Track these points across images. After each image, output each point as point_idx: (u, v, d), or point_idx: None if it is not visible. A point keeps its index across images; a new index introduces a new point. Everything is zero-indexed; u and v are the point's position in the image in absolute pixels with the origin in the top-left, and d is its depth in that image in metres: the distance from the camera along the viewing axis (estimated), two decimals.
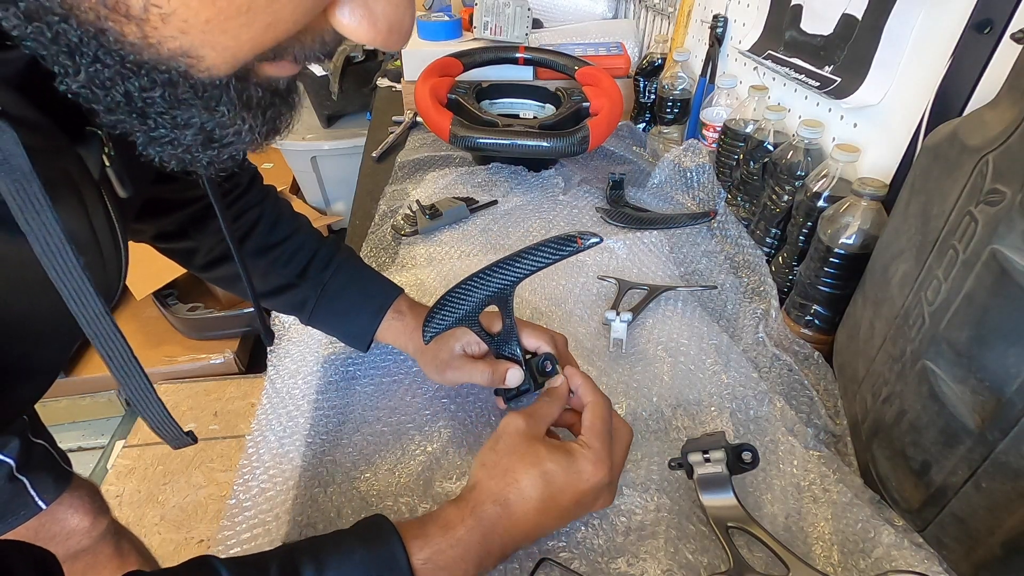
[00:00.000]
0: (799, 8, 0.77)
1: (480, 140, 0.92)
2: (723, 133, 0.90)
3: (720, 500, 0.47)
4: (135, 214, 0.52)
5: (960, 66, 0.54)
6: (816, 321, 0.66)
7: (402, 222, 0.92)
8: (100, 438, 1.65)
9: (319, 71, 1.94)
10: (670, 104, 1.10)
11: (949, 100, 0.55)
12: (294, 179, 2.22)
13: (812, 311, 0.66)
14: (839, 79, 0.69)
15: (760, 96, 0.85)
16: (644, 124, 1.22)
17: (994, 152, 0.40)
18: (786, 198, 0.73)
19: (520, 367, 0.55)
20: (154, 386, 0.36)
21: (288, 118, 0.31)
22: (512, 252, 0.50)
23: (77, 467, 0.71)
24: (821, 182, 0.66)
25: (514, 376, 0.54)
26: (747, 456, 0.47)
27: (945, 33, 0.56)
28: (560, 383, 0.51)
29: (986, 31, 0.51)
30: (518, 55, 1.14)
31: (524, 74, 1.19)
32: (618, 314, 0.68)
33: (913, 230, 0.49)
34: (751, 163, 0.82)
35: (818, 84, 0.72)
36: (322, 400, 0.63)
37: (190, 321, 1.65)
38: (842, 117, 0.72)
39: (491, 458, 0.45)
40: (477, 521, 0.42)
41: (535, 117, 1.10)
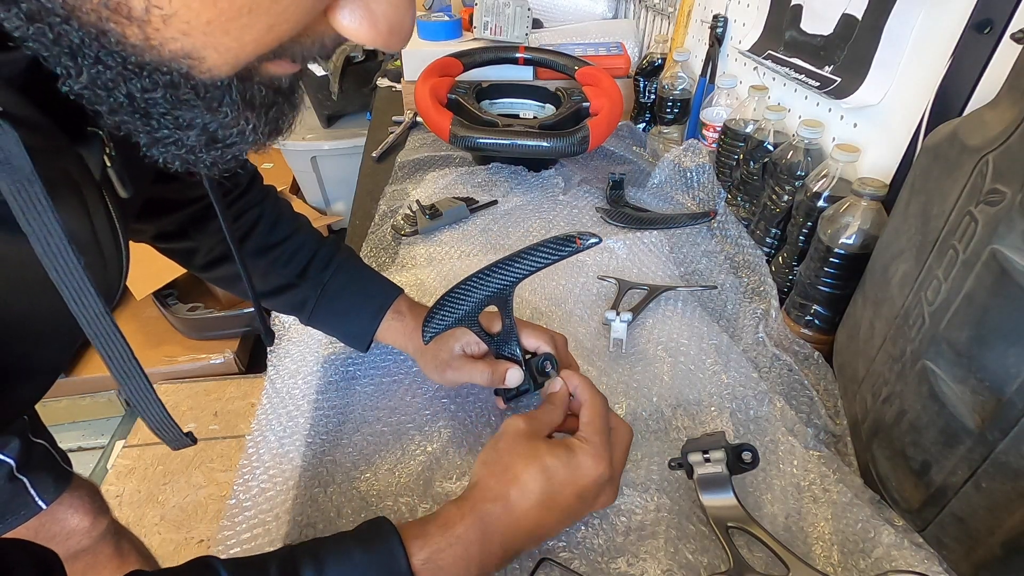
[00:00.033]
0: (799, 8, 0.77)
1: (480, 140, 0.92)
2: (723, 133, 0.90)
3: (720, 500, 0.47)
4: (135, 214, 0.52)
5: (960, 66, 0.54)
6: (816, 321, 0.66)
7: (402, 222, 0.92)
8: (100, 438, 1.65)
9: (319, 71, 1.94)
10: (670, 104, 1.10)
11: (949, 100, 0.55)
12: (294, 179, 2.22)
13: (812, 311, 0.66)
14: (839, 79, 0.69)
15: (760, 96, 0.85)
16: (644, 124, 1.22)
17: (994, 152, 0.40)
18: (786, 198, 0.73)
19: (520, 367, 0.55)
20: (154, 386, 0.36)
21: (291, 117, 0.31)
22: (511, 252, 0.50)
23: (77, 467, 0.71)
24: (821, 182, 0.66)
25: (514, 376, 0.55)
26: (747, 456, 0.47)
27: (945, 33, 0.56)
28: (559, 387, 0.51)
29: (986, 31, 0.51)
30: (518, 55, 1.14)
31: (524, 74, 1.19)
32: (618, 314, 0.68)
33: (913, 230, 0.49)
34: (751, 163, 0.82)
35: (818, 84, 0.72)
36: (322, 400, 0.63)
37: (190, 321, 1.65)
38: (842, 117, 0.72)
39: (491, 456, 0.46)
40: (477, 518, 0.42)
41: (535, 117, 1.10)
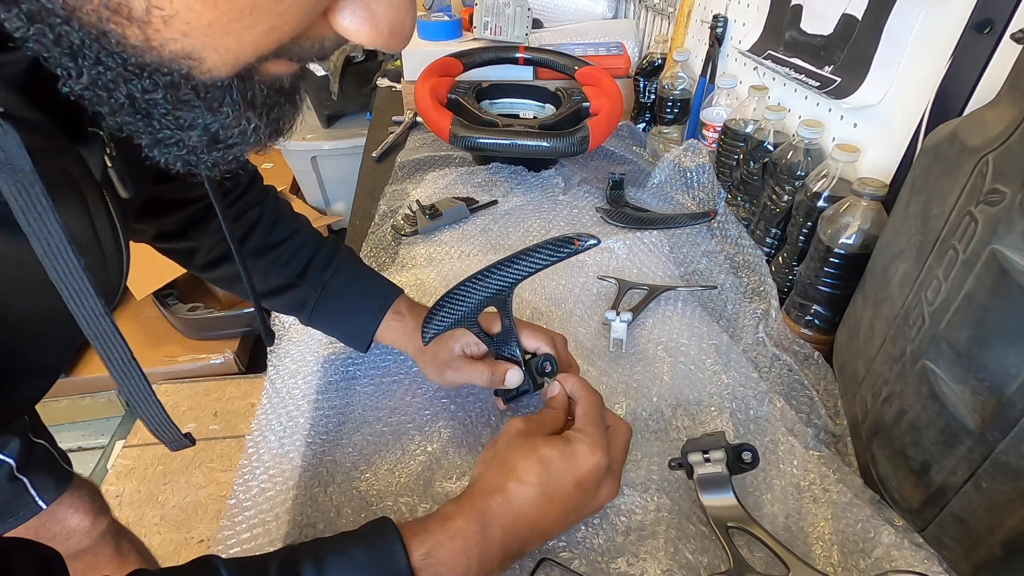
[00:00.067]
0: (799, 8, 0.77)
1: (480, 140, 0.92)
2: (723, 133, 0.90)
3: (720, 500, 0.47)
4: (136, 214, 0.52)
5: (960, 66, 0.54)
6: (816, 321, 0.66)
7: (402, 222, 0.92)
8: (100, 438, 1.66)
9: (319, 71, 1.94)
10: (670, 104, 1.10)
11: (949, 100, 0.55)
12: (294, 179, 2.22)
13: (812, 311, 0.66)
14: (839, 79, 0.69)
15: (760, 96, 0.85)
16: (644, 124, 1.21)
17: (994, 152, 0.40)
18: (786, 198, 0.73)
19: (519, 368, 0.55)
20: (153, 387, 0.36)
21: (292, 118, 0.30)
22: (510, 254, 0.50)
23: (77, 467, 0.71)
24: (821, 182, 0.66)
25: (513, 377, 0.55)
26: (747, 456, 0.47)
27: (945, 33, 0.56)
28: (557, 391, 0.51)
29: (986, 31, 0.51)
30: (518, 55, 1.14)
31: (524, 74, 1.19)
32: (618, 314, 0.68)
33: (913, 230, 0.49)
34: (751, 163, 0.82)
35: (818, 84, 0.72)
36: (322, 400, 0.63)
37: (190, 321, 1.65)
38: (842, 117, 0.72)
39: (491, 454, 0.46)
40: (476, 512, 0.42)
41: (535, 117, 1.10)
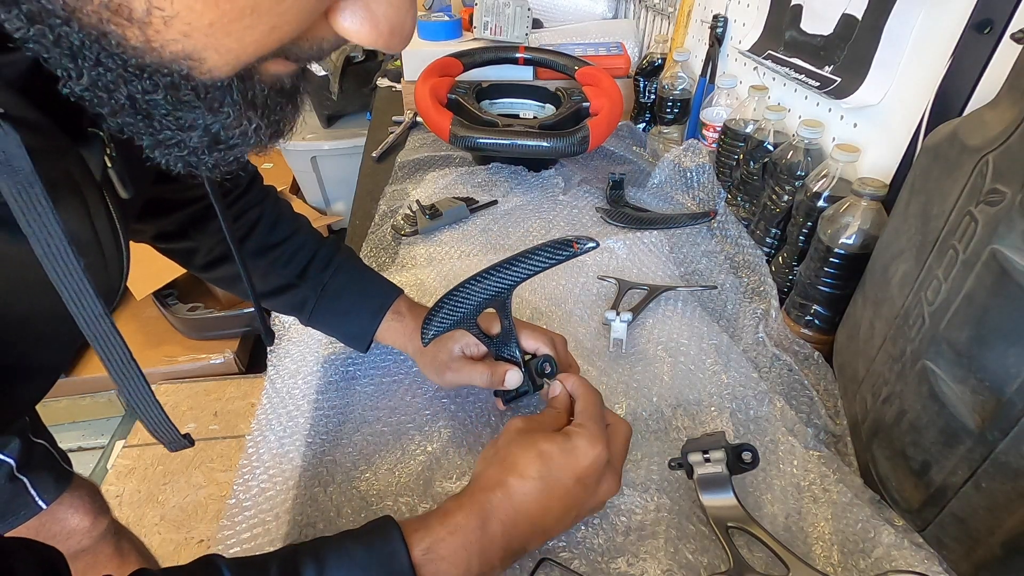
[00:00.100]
0: (799, 8, 0.77)
1: (480, 140, 0.92)
2: (723, 133, 0.90)
3: (720, 500, 0.47)
4: (136, 215, 0.52)
5: (960, 66, 0.54)
6: (816, 321, 0.66)
7: (402, 222, 0.92)
8: (100, 438, 1.65)
9: (319, 71, 1.94)
10: (670, 104, 1.10)
11: (949, 100, 0.55)
12: (294, 179, 2.22)
13: (812, 311, 0.66)
14: (839, 79, 0.69)
15: (760, 96, 0.85)
16: (644, 124, 1.21)
17: (994, 152, 0.40)
18: (786, 198, 0.73)
19: (519, 369, 0.55)
20: (152, 388, 0.36)
21: (292, 119, 0.30)
22: (509, 256, 0.50)
23: (77, 467, 0.71)
24: (821, 182, 0.66)
25: (513, 378, 0.55)
26: (747, 456, 0.47)
27: (945, 33, 0.56)
28: (559, 391, 0.51)
29: (986, 31, 0.51)
30: (518, 55, 1.14)
31: (524, 74, 1.19)
32: (618, 314, 0.68)
33: (913, 230, 0.49)
34: (751, 163, 0.82)
35: (818, 84, 0.72)
36: (322, 400, 0.63)
37: (190, 321, 1.65)
38: (842, 117, 0.72)
39: (491, 452, 0.46)
40: (476, 507, 0.42)
41: (535, 117, 1.10)
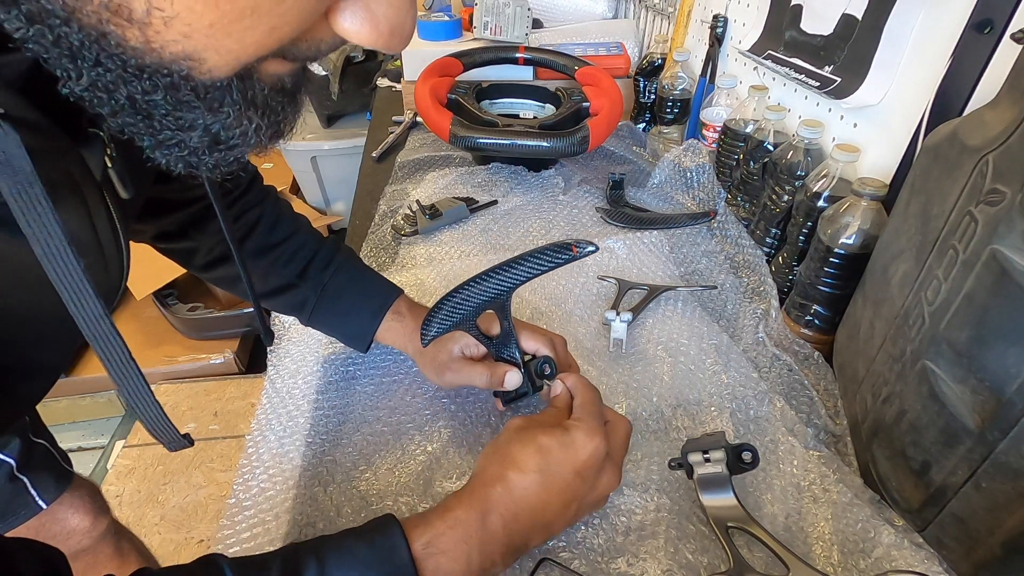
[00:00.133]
0: (799, 8, 0.77)
1: (480, 140, 0.92)
2: (723, 133, 0.90)
3: (720, 500, 0.47)
4: (136, 215, 0.52)
5: (960, 66, 0.54)
6: (816, 321, 0.66)
7: (402, 222, 0.92)
8: (100, 438, 1.66)
9: (319, 71, 1.94)
10: (670, 104, 1.10)
11: (949, 100, 0.55)
12: (294, 179, 2.22)
13: (812, 311, 0.66)
14: (839, 79, 0.69)
15: (760, 96, 0.85)
16: (644, 124, 1.21)
17: (994, 152, 0.40)
18: (786, 198, 0.73)
19: (518, 370, 0.55)
20: (152, 388, 0.36)
21: (293, 119, 0.30)
22: (508, 258, 0.50)
23: (77, 467, 0.71)
24: (821, 182, 0.66)
25: (512, 379, 0.55)
26: (747, 456, 0.47)
27: (945, 33, 0.56)
28: (560, 390, 0.51)
29: (986, 31, 0.51)
30: (518, 55, 1.14)
31: (524, 74, 1.19)
32: (618, 314, 0.68)
33: (913, 230, 0.49)
34: (751, 163, 0.82)
35: (818, 84, 0.72)
36: (322, 400, 0.63)
37: (190, 321, 1.65)
38: (842, 117, 0.72)
39: (491, 449, 0.47)
40: (476, 501, 0.42)
41: (535, 117, 1.10)
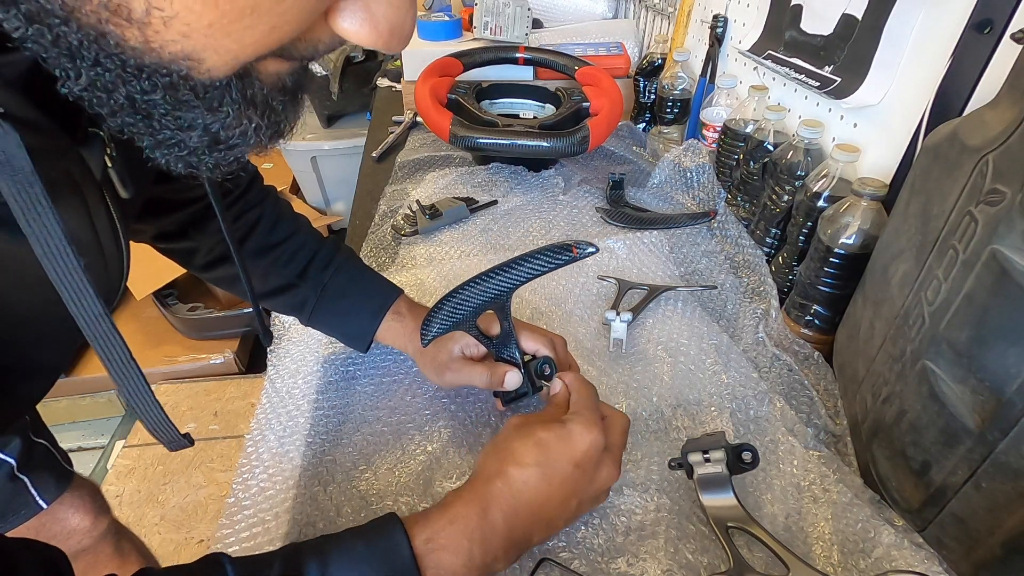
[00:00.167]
0: (799, 8, 0.77)
1: (480, 140, 0.92)
2: (723, 133, 0.90)
3: (720, 500, 0.47)
4: (136, 214, 0.52)
5: (960, 66, 0.54)
6: (816, 321, 0.66)
7: (402, 222, 0.92)
8: (100, 438, 1.66)
9: (319, 71, 1.94)
10: (670, 104, 1.10)
11: (949, 100, 0.55)
12: (294, 179, 2.22)
13: (812, 311, 0.66)
14: (839, 79, 0.69)
15: (760, 96, 0.85)
16: (644, 124, 1.21)
17: (994, 152, 0.40)
18: (786, 198, 0.73)
19: (518, 370, 0.55)
20: (152, 388, 0.36)
21: (293, 118, 0.30)
22: (508, 258, 0.50)
23: (77, 467, 0.71)
24: (821, 182, 0.66)
25: (512, 379, 0.55)
26: (747, 456, 0.47)
27: (945, 33, 0.56)
28: (559, 388, 0.51)
29: (986, 31, 0.51)
30: (518, 55, 1.14)
31: (524, 74, 1.19)
32: (618, 314, 0.68)
33: (913, 230, 0.49)
34: (751, 163, 0.82)
35: (818, 84, 0.72)
36: (322, 400, 0.63)
37: (190, 321, 1.65)
38: (842, 117, 0.72)
39: (490, 447, 0.47)
40: (476, 496, 0.42)
41: (535, 117, 1.10)
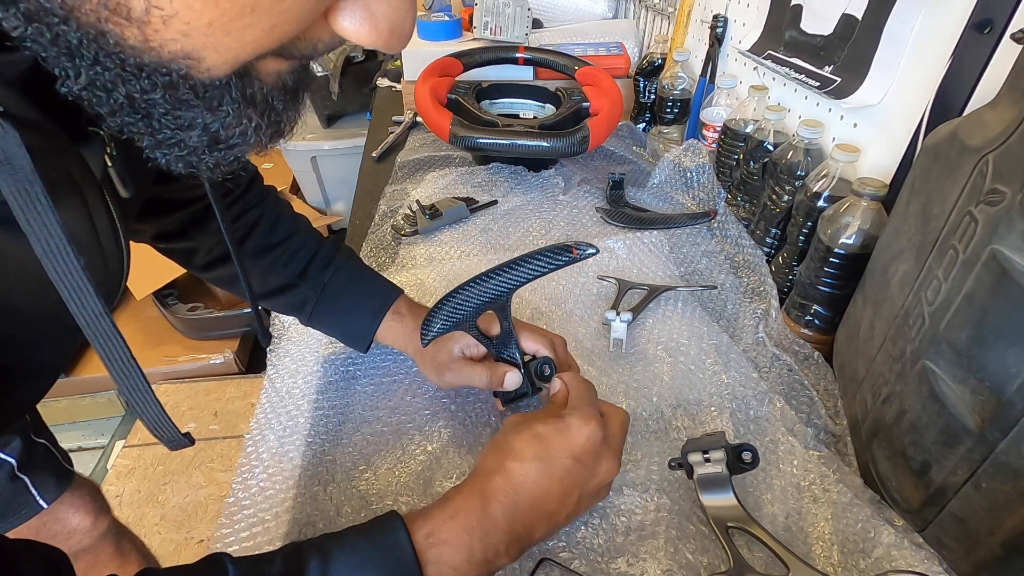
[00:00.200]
0: (799, 8, 0.77)
1: (480, 140, 0.92)
2: (723, 133, 0.90)
3: (720, 500, 0.47)
4: (136, 214, 0.52)
5: (960, 66, 0.54)
6: (816, 321, 0.66)
7: (402, 222, 0.92)
8: (100, 438, 1.66)
9: (319, 71, 1.94)
10: (670, 104, 1.10)
11: (949, 100, 0.55)
12: (294, 179, 2.22)
13: (812, 311, 0.66)
14: (839, 79, 0.69)
15: (760, 96, 0.85)
16: (644, 124, 1.21)
17: (994, 152, 0.40)
18: (786, 198, 0.73)
19: (518, 370, 0.55)
20: (152, 387, 0.36)
21: (294, 118, 0.30)
22: (509, 259, 0.50)
23: (77, 467, 0.71)
24: (821, 182, 0.66)
25: (512, 379, 0.55)
26: (747, 456, 0.47)
27: (945, 33, 0.56)
28: (559, 387, 0.51)
29: (986, 31, 0.51)
30: (518, 55, 1.14)
31: (524, 74, 1.19)
32: (618, 314, 0.68)
33: (913, 230, 0.49)
34: (751, 163, 0.82)
35: (818, 84, 0.72)
36: (322, 400, 0.63)
37: (190, 321, 1.65)
38: (842, 117, 0.72)
39: (490, 445, 0.47)
40: (476, 490, 0.42)
41: (535, 117, 1.10)
